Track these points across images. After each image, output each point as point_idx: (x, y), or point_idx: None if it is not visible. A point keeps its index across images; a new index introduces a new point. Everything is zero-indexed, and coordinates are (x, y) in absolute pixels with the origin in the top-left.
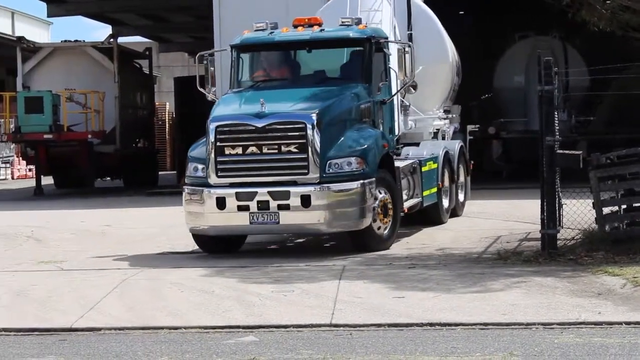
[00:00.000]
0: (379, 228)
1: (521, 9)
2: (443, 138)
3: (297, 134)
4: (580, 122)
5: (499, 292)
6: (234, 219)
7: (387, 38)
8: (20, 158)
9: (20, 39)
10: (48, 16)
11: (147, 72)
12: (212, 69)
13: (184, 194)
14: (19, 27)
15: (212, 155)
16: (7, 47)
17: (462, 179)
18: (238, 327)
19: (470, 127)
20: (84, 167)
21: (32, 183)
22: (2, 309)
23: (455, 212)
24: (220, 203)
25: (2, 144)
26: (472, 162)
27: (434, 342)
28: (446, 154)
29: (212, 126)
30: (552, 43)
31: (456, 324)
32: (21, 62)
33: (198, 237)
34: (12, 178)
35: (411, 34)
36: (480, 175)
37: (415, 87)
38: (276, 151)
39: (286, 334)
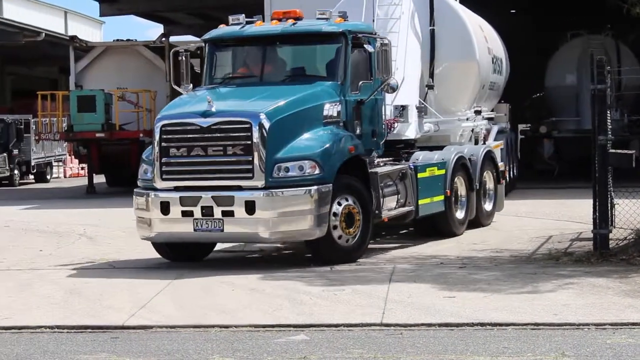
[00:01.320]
0: (339, 237)
1: (574, 8)
2: (476, 140)
3: (242, 134)
4: (633, 121)
5: (550, 292)
6: (178, 225)
7: (371, 33)
8: (73, 157)
9: (73, 38)
10: (100, 15)
11: (199, 71)
12: (188, 65)
13: (133, 198)
14: (72, 26)
15: (157, 156)
16: (60, 46)
17: (489, 186)
18: (289, 325)
19: (521, 126)
20: (135, 166)
21: (84, 181)
22: (55, 306)
23: (479, 222)
24: (165, 208)
25: (55, 143)
26: (505, 169)
27: (484, 342)
28: (459, 159)
29: (157, 125)
30: (604, 41)
31: (507, 324)
32: (74, 61)
33: (157, 244)
34: (65, 176)
35: (433, 30)
36: (532, 175)
37: (431, 87)
38: (221, 153)
39: (337, 333)
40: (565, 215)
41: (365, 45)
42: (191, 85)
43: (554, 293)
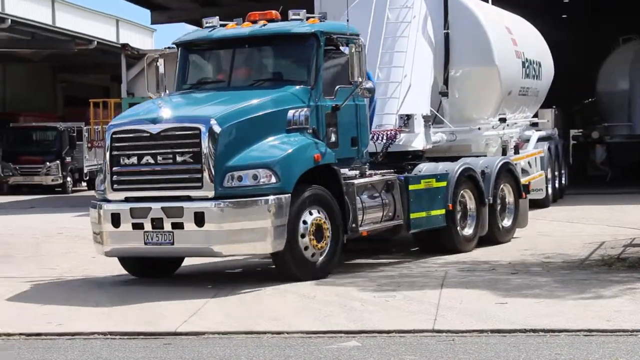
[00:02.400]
0: (307, 251)
1: (625, 12)
2: (504, 150)
3: (191, 141)
4: None
5: (603, 299)
6: (129, 238)
7: (345, 34)
8: None
9: (125, 46)
10: (152, 23)
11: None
12: (162, 71)
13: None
14: (124, 34)
15: (108, 165)
16: (112, 54)
17: (509, 200)
18: (340, 332)
19: (573, 132)
20: None
21: None
22: (108, 313)
23: (495, 239)
24: (115, 220)
25: None
26: (530, 182)
27: (537, 348)
28: (464, 171)
29: (107, 133)
30: None
31: (560, 331)
32: (125, 68)
33: (123, 259)
34: None
35: (448, 34)
36: (584, 180)
37: (445, 94)
38: (171, 161)
39: (389, 339)
40: (618, 221)
41: (341, 47)
42: (167, 92)
43: (606, 299)
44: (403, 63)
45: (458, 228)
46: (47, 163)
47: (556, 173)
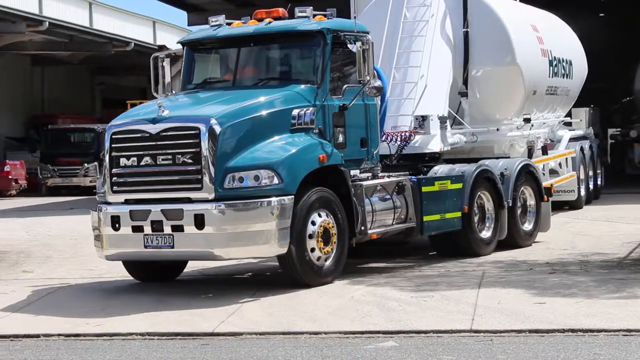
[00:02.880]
0: (312, 250)
1: None
2: (529, 151)
3: (191, 141)
4: None
5: None
6: (128, 241)
7: (352, 31)
8: None
9: (162, 47)
10: (188, 25)
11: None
12: (168, 71)
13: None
14: (161, 36)
15: (107, 166)
16: (149, 56)
17: (530, 203)
18: (378, 332)
19: (611, 131)
20: None
21: None
22: (146, 314)
23: (515, 243)
24: (115, 223)
25: None
26: (552, 184)
27: (575, 348)
28: (481, 172)
29: (107, 134)
30: None
31: (598, 330)
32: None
33: (127, 263)
34: None
35: (467, 33)
36: (622, 179)
37: (465, 94)
38: (171, 162)
39: (426, 340)
40: None
41: (349, 45)
42: (173, 92)
43: None
44: (420, 63)
45: (475, 231)
46: (85, 164)
47: (591, 173)
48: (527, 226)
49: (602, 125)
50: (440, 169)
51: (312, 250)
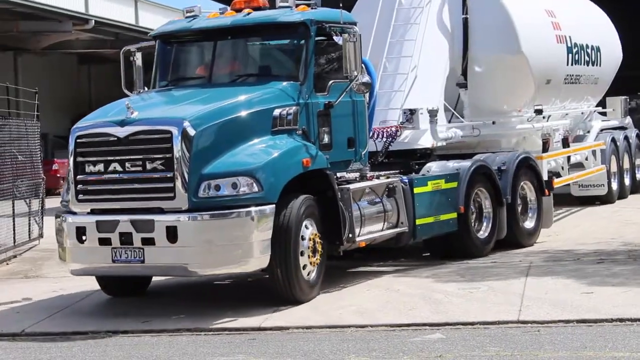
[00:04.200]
0: (304, 267)
1: None
2: (544, 144)
3: (162, 146)
4: None
5: None
6: (95, 255)
7: (339, 22)
8: None
9: None
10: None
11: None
12: (140, 67)
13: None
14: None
15: (72, 173)
16: None
17: (530, 199)
18: (424, 324)
19: None
20: None
21: None
22: (193, 310)
23: (517, 242)
24: (80, 234)
25: None
26: (553, 178)
27: (624, 338)
28: (477, 169)
29: (71, 137)
30: None
31: None
32: None
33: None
34: None
35: (466, 19)
36: None
37: (463, 86)
38: (140, 169)
39: (473, 331)
40: None
41: (334, 38)
42: (146, 89)
43: None
44: (412, 53)
45: (472, 232)
46: None
47: (627, 166)
48: (529, 224)
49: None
50: (433, 167)
51: (304, 267)
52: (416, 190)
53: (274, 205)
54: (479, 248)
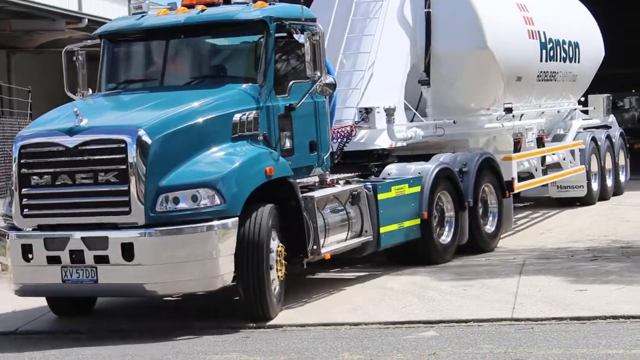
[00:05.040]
0: (272, 281)
1: None
2: (516, 144)
3: (116, 156)
4: None
5: None
6: (43, 275)
7: (299, 19)
8: None
9: None
10: None
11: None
12: (84, 66)
13: None
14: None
15: (17, 186)
16: None
17: (491, 202)
18: (418, 322)
19: None
20: None
21: None
22: (181, 308)
23: (477, 247)
24: (26, 252)
25: None
26: (513, 179)
27: (617, 335)
28: (440, 172)
29: (15, 147)
30: None
31: None
32: None
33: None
34: None
35: (429, 13)
36: None
37: (426, 83)
38: (92, 181)
39: (467, 329)
40: None
41: (295, 36)
42: (90, 92)
43: None
44: (370, 48)
45: (434, 238)
46: None
47: (609, 166)
48: (490, 228)
49: None
50: (393, 169)
51: (273, 279)
52: (380, 196)
53: (237, 218)
54: (441, 254)
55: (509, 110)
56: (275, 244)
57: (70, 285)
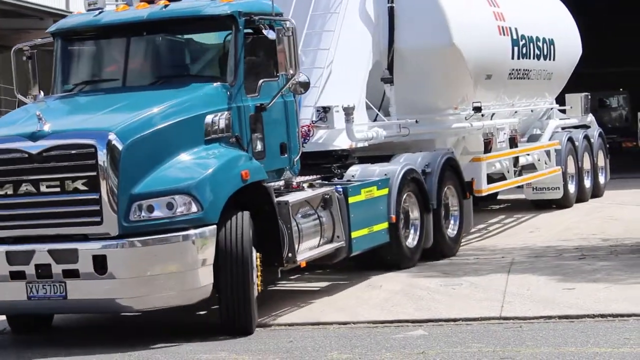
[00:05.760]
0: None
1: None
2: (486, 145)
3: (84, 162)
4: None
5: None
6: (6, 291)
7: (270, 14)
8: None
9: None
10: None
11: None
12: (35, 66)
13: None
14: None
15: None
16: None
17: (452, 204)
18: (407, 321)
19: None
20: None
21: None
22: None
23: (440, 252)
24: None
25: None
26: (473, 179)
27: (605, 333)
28: (407, 173)
29: None
30: None
31: (629, 315)
32: None
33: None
34: None
35: (392, 8)
36: None
37: (389, 81)
38: (58, 189)
39: (455, 328)
40: None
41: (264, 32)
42: (41, 94)
43: None
44: (329, 45)
45: (402, 242)
46: None
47: (587, 167)
48: (452, 232)
49: (632, 109)
50: (357, 171)
51: (255, 289)
52: (351, 199)
53: (215, 227)
54: (409, 259)
55: (478, 109)
56: (254, 253)
57: (36, 302)
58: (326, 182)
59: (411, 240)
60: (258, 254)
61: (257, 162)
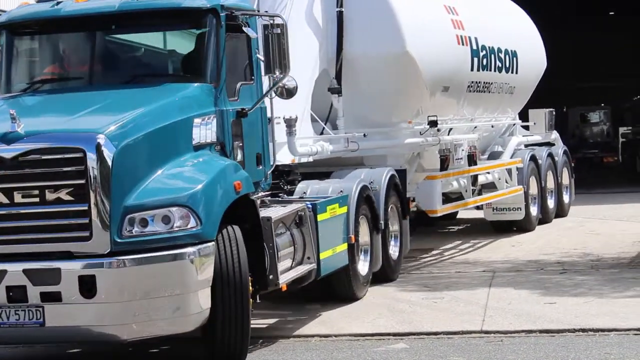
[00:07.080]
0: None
1: None
2: (442, 161)
3: (70, 169)
4: None
5: None
6: None
7: (252, 10)
8: None
9: None
10: None
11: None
12: None
13: None
14: None
15: None
16: None
17: (394, 224)
18: (388, 334)
19: (622, 129)
20: None
21: None
22: None
23: (385, 276)
24: None
25: None
26: (411, 199)
27: (586, 348)
28: (362, 190)
29: None
30: None
31: (609, 330)
32: None
33: None
34: None
35: (341, 13)
36: (635, 178)
37: (337, 91)
38: (37, 200)
39: (437, 341)
40: None
41: (244, 29)
42: None
43: None
44: None
45: (356, 266)
46: None
47: (550, 187)
48: (394, 253)
49: (614, 124)
50: (309, 188)
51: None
52: (319, 217)
53: (213, 243)
54: (361, 287)
55: (433, 123)
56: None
57: (7, 329)
58: (297, 198)
59: (362, 265)
60: (250, 277)
61: (245, 172)
